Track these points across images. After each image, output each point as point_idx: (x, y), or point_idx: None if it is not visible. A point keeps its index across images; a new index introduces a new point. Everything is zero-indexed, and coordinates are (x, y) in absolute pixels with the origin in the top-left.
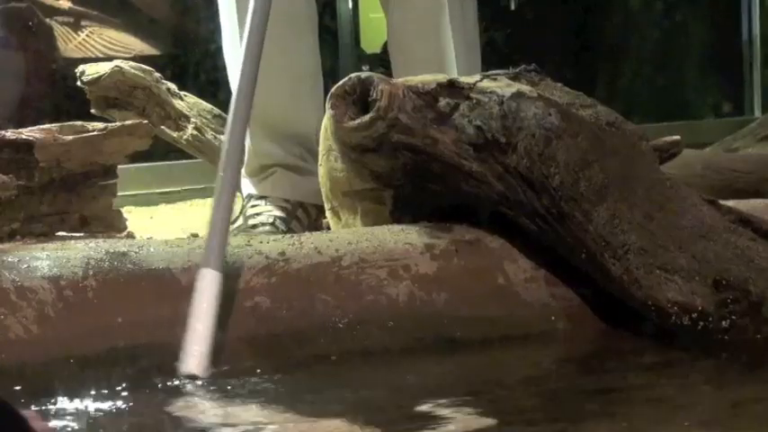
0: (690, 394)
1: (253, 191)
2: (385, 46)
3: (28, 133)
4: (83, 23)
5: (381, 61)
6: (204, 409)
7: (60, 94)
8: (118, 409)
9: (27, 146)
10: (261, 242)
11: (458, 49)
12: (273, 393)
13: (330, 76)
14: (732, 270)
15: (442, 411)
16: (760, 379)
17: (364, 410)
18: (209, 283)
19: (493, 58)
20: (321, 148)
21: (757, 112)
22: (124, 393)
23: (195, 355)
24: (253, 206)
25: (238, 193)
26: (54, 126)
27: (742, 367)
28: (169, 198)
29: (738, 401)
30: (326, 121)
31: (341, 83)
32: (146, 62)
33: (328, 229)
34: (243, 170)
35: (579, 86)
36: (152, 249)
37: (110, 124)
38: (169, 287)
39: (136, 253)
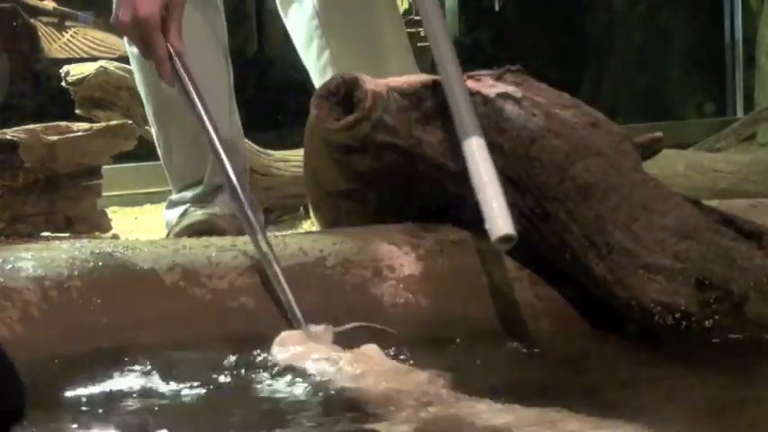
0: (673, 395)
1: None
2: None
3: (12, 134)
4: (67, 24)
5: None
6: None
7: (45, 94)
8: (101, 412)
9: (11, 146)
10: (245, 242)
11: (390, 39)
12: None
13: None
14: (715, 270)
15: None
16: (744, 379)
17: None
18: (478, 148)
19: (477, 58)
20: (305, 149)
21: (740, 113)
22: (110, 393)
23: (498, 216)
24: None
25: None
26: (39, 126)
27: (726, 368)
28: (154, 198)
29: (723, 402)
30: (311, 122)
31: (325, 83)
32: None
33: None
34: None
35: (563, 87)
36: (137, 250)
37: (94, 125)
38: (154, 288)
39: (121, 253)
